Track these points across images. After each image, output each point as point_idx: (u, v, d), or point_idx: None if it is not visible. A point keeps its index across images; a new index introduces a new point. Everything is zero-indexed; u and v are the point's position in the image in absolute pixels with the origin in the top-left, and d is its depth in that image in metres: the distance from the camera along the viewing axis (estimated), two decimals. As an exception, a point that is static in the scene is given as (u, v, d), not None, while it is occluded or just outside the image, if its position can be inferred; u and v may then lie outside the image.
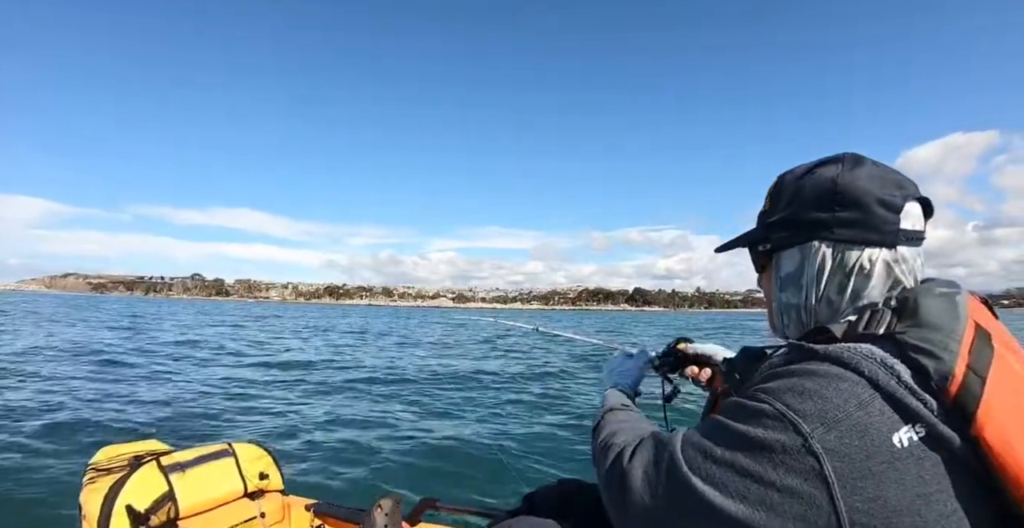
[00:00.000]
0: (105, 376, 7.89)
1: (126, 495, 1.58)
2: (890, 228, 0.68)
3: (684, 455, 0.63)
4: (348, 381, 7.97)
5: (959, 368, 0.56)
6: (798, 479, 0.54)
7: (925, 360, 0.57)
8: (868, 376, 0.57)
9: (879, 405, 0.55)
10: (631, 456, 0.70)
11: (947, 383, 0.55)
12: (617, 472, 0.70)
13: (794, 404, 0.57)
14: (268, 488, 1.93)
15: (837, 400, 0.56)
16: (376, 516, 1.58)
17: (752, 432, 0.58)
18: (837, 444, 0.54)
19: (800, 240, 0.73)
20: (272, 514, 1.83)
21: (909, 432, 0.54)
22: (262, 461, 1.95)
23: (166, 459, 1.75)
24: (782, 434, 0.56)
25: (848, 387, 0.57)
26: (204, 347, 12.89)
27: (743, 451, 0.58)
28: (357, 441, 4.64)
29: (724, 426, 0.62)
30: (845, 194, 0.69)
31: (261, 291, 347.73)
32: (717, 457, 0.60)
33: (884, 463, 0.53)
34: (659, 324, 41.02)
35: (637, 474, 0.67)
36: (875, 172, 0.70)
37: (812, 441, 0.54)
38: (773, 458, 0.56)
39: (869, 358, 0.58)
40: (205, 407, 6.23)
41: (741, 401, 0.63)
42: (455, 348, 11.59)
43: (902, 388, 0.56)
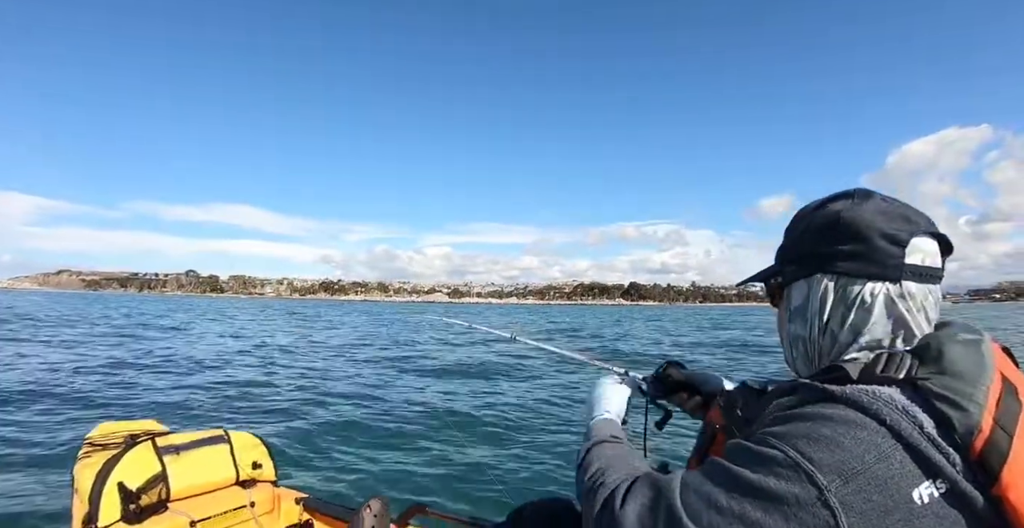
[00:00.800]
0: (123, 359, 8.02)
1: (119, 472, 1.58)
2: (893, 262, 0.65)
3: (684, 502, 0.57)
4: (348, 382, 7.99)
5: (986, 422, 0.52)
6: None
7: (950, 411, 0.53)
8: (889, 425, 0.53)
9: (900, 457, 0.52)
10: (623, 500, 0.63)
11: (972, 437, 0.52)
12: (607, 517, 0.63)
13: (809, 453, 0.53)
14: (260, 478, 1.92)
15: (856, 450, 0.52)
16: (365, 516, 1.57)
17: (763, 482, 0.54)
18: (855, 499, 0.50)
19: (806, 273, 0.72)
20: (262, 504, 1.83)
21: (930, 488, 0.51)
22: (256, 450, 1.95)
23: (162, 440, 1.76)
24: (796, 486, 0.52)
25: (868, 436, 0.53)
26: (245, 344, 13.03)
27: (752, 502, 0.53)
28: (352, 441, 4.64)
29: (730, 472, 0.57)
30: (848, 227, 0.68)
31: (256, 287, 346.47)
32: (723, 507, 0.54)
33: (902, 521, 0.50)
34: (657, 319, 40.29)
35: (630, 521, 0.60)
36: (882, 206, 0.69)
37: (828, 494, 0.51)
38: (786, 511, 0.51)
39: (890, 405, 0.54)
40: (208, 395, 6.29)
41: (749, 446, 0.59)
42: (448, 352, 11.58)
43: (925, 440, 0.52)
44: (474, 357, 10.66)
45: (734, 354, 13.05)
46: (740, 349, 14.26)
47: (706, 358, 12.26)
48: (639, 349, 14.29)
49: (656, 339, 18.17)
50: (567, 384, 7.11)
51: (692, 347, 15.10)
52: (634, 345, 15.49)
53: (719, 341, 16.93)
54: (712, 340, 17.41)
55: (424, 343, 14.79)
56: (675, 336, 19.73)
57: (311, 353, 11.87)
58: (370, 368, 9.38)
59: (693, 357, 12.41)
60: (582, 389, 6.50)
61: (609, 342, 16.69)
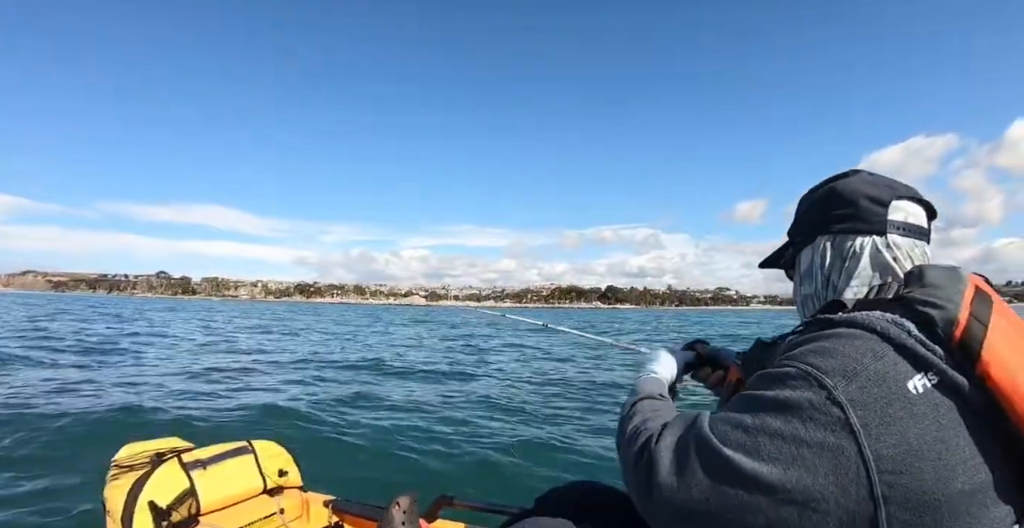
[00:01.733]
0: (134, 373, 8.06)
1: (148, 491, 1.61)
2: (877, 218, 0.79)
3: (714, 431, 0.64)
4: (362, 379, 8.04)
5: (963, 315, 0.61)
6: (826, 431, 0.57)
7: (931, 310, 0.62)
8: (880, 331, 0.62)
9: (892, 356, 0.60)
10: (658, 439, 0.69)
11: (952, 328, 0.60)
12: (645, 457, 0.69)
13: (816, 362, 0.61)
14: (287, 485, 1.95)
15: (855, 355, 0.60)
16: (394, 513, 1.59)
17: (781, 394, 0.61)
18: (859, 394, 0.58)
19: (810, 240, 0.87)
20: (291, 510, 1.85)
21: (923, 379, 0.58)
22: (281, 458, 1.97)
23: (187, 456, 1.78)
24: (808, 391, 0.59)
25: (863, 343, 0.61)
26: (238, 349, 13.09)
27: (773, 413, 0.61)
28: (374, 439, 4.68)
29: (751, 396, 0.65)
30: (839, 195, 0.83)
31: (229, 289, 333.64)
32: (748, 425, 0.62)
33: (903, 409, 0.57)
34: (636, 321, 40.64)
35: (665, 455, 0.66)
36: (867, 178, 0.83)
37: (836, 393, 0.58)
38: (802, 414, 0.59)
39: (881, 318, 0.63)
40: (229, 405, 6.33)
41: (766, 371, 0.67)
42: (462, 346, 11.62)
43: (912, 340, 0.60)
44: (488, 350, 10.70)
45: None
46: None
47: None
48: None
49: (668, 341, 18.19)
50: (590, 368, 7.14)
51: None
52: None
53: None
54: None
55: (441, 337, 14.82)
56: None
57: (333, 353, 11.92)
58: (389, 364, 9.44)
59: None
60: (603, 372, 6.54)
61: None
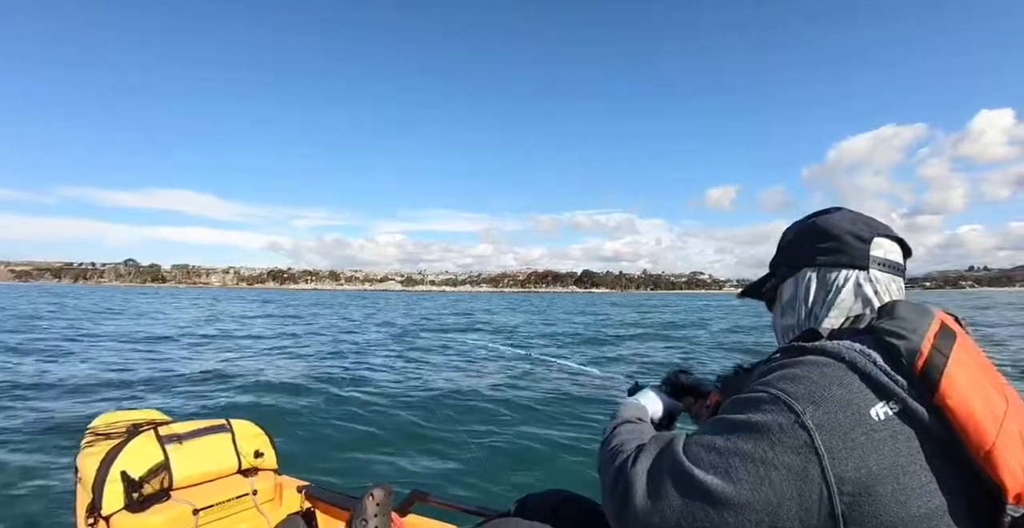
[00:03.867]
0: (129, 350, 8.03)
1: (122, 461, 1.59)
2: (860, 253, 0.82)
3: (687, 453, 0.68)
4: (348, 370, 8.02)
5: (925, 346, 0.65)
6: (794, 454, 0.61)
7: (896, 341, 0.66)
8: (847, 360, 0.66)
9: (857, 384, 0.64)
10: (633, 462, 0.73)
11: (915, 358, 0.64)
12: (621, 480, 0.72)
13: (787, 388, 0.65)
14: (262, 466, 1.93)
15: (823, 381, 0.64)
16: (367, 504, 1.57)
17: (752, 418, 0.65)
18: (824, 419, 0.61)
19: (792, 272, 0.89)
20: (264, 492, 1.84)
21: (884, 407, 0.62)
22: (258, 439, 1.95)
23: (164, 429, 1.76)
24: (778, 415, 0.63)
25: (831, 370, 0.65)
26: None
27: (744, 436, 0.64)
28: (354, 428, 4.67)
29: (724, 420, 0.69)
30: (824, 230, 0.86)
31: (200, 277, 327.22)
32: (720, 447, 0.65)
33: (864, 435, 0.60)
34: (620, 304, 40.74)
35: (640, 479, 0.69)
36: (849, 215, 0.87)
37: (804, 417, 0.62)
38: (771, 438, 0.62)
39: (850, 348, 0.67)
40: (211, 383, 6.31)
41: (739, 396, 0.70)
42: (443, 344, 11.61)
43: (876, 369, 0.64)
44: (474, 345, 10.68)
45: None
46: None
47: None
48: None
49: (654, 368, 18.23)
50: (571, 380, 7.14)
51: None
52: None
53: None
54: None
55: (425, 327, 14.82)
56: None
57: (319, 342, 11.90)
58: (371, 355, 9.41)
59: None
60: (592, 396, 6.54)
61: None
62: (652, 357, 10.05)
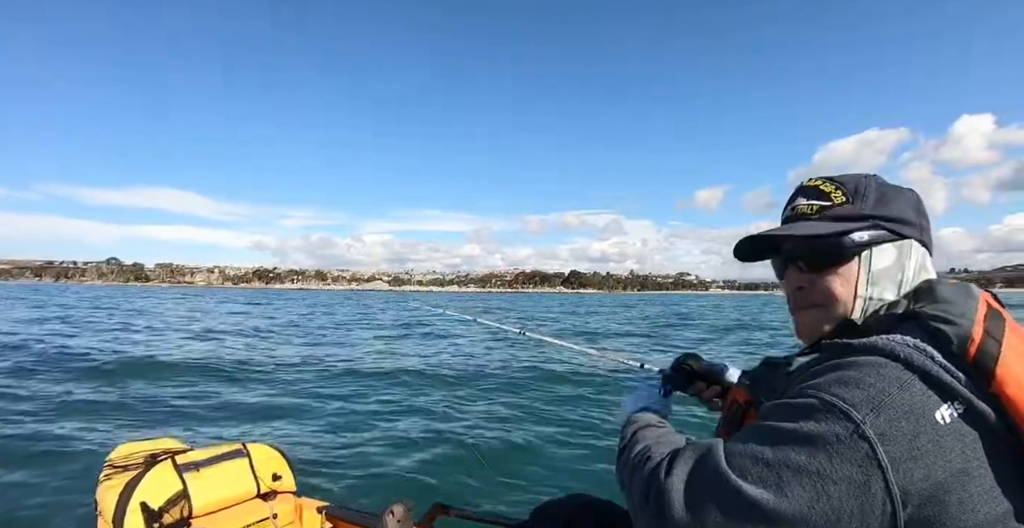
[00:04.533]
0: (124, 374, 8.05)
1: (141, 492, 1.59)
2: (929, 239, 0.78)
3: (731, 462, 0.61)
4: (361, 383, 8.01)
5: (977, 332, 0.60)
6: (854, 467, 0.55)
7: (945, 327, 0.61)
8: (904, 359, 0.59)
9: (919, 386, 0.57)
10: (667, 470, 0.66)
11: (967, 345, 0.59)
12: (655, 490, 0.65)
13: (842, 394, 0.58)
14: (281, 489, 1.93)
15: (881, 385, 0.57)
16: (388, 521, 1.57)
17: (805, 428, 0.58)
18: (887, 427, 0.55)
19: (897, 237, 0.75)
20: (284, 516, 1.83)
21: (950, 409, 0.56)
22: (275, 462, 1.95)
23: (181, 458, 1.76)
24: (835, 425, 0.57)
25: (888, 372, 0.59)
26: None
27: (795, 447, 0.58)
28: (370, 445, 4.65)
29: (770, 427, 0.62)
30: (920, 204, 0.78)
31: (185, 276, 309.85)
32: (769, 459, 0.59)
33: (930, 442, 0.55)
34: (606, 304, 40.44)
35: (678, 488, 0.63)
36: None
37: (864, 427, 0.55)
38: (828, 450, 0.56)
39: (901, 343, 0.61)
40: (223, 406, 6.31)
41: (786, 401, 0.63)
42: (459, 346, 11.57)
43: (937, 367, 0.58)
44: (479, 355, 10.66)
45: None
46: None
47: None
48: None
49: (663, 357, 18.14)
50: (582, 385, 7.11)
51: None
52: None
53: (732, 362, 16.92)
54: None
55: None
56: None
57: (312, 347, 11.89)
58: (373, 363, 9.40)
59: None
60: (601, 389, 6.51)
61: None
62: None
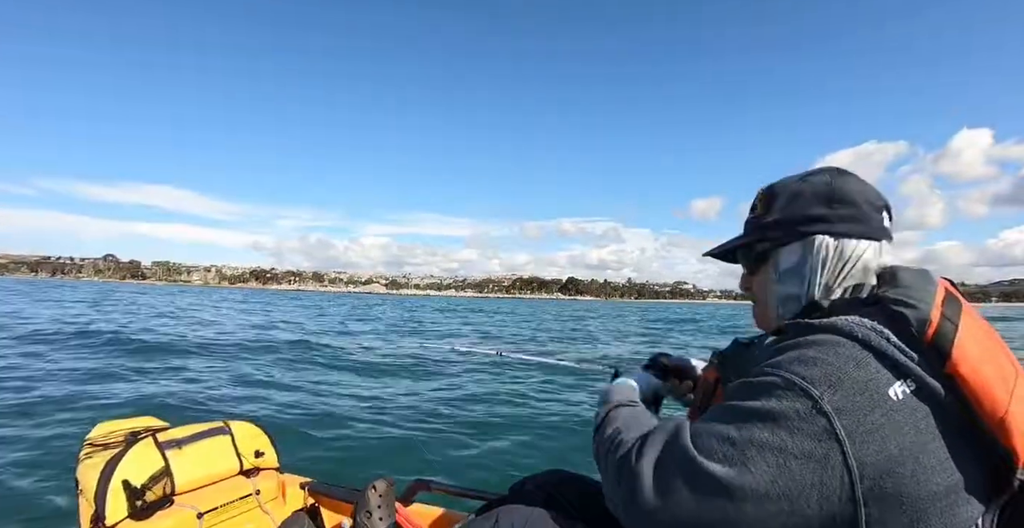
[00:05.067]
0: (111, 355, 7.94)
1: (122, 470, 1.59)
2: (878, 224, 0.79)
3: (696, 444, 0.64)
4: (346, 364, 8.03)
5: (935, 315, 0.64)
6: (813, 441, 0.59)
7: (904, 310, 0.65)
8: (861, 338, 0.63)
9: (873, 363, 0.61)
10: (638, 454, 0.68)
11: (925, 327, 0.63)
12: (626, 474, 0.68)
13: (801, 371, 0.62)
14: (263, 466, 1.94)
15: (838, 363, 0.62)
16: (370, 496, 1.60)
17: (767, 405, 0.62)
18: (843, 402, 0.59)
19: (801, 235, 0.81)
20: (267, 492, 1.85)
21: (902, 386, 0.61)
22: (258, 439, 1.96)
23: (162, 435, 1.76)
24: (795, 401, 0.60)
25: (845, 350, 0.63)
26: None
27: (759, 424, 0.61)
28: (353, 423, 4.69)
29: (734, 407, 0.65)
30: (842, 194, 0.79)
31: (182, 274, 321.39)
32: (734, 438, 0.62)
33: (883, 416, 0.59)
34: (601, 313, 40.92)
35: (647, 473, 0.65)
36: (859, 181, 0.82)
37: (822, 403, 0.59)
38: (790, 425, 0.60)
39: (860, 324, 0.65)
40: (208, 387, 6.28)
41: (748, 380, 0.67)
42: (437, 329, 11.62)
43: (891, 347, 0.62)
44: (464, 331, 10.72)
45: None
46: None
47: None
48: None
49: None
50: (551, 373, 7.20)
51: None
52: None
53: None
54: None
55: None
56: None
57: (303, 336, 11.85)
58: (358, 349, 9.41)
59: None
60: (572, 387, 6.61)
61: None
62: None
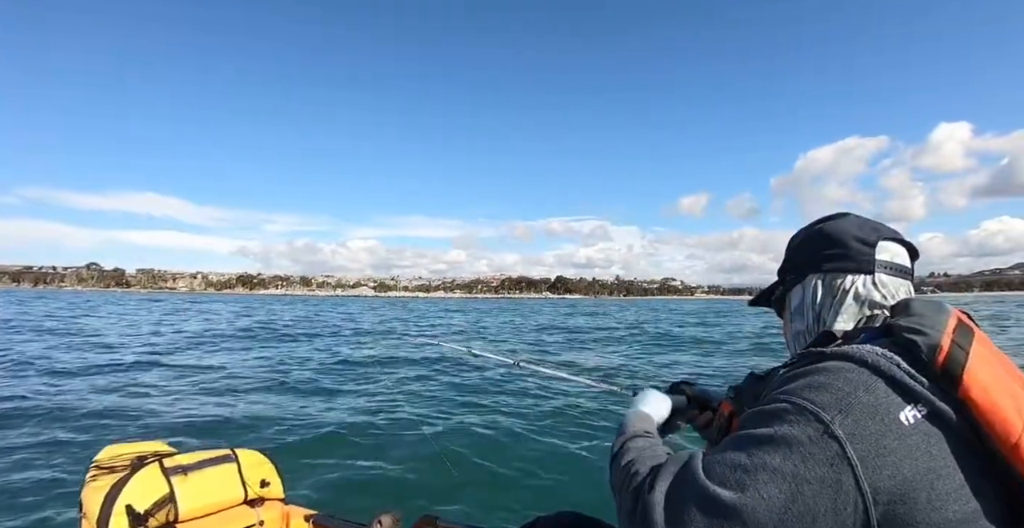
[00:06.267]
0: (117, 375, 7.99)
1: (127, 495, 1.57)
2: (866, 258, 0.82)
3: (707, 472, 0.64)
4: (351, 390, 7.97)
5: (945, 341, 0.64)
6: (826, 467, 0.58)
7: (915, 337, 0.66)
8: (871, 364, 0.64)
9: (883, 388, 0.62)
10: (651, 487, 0.68)
11: (935, 353, 0.64)
12: (640, 506, 0.67)
13: (812, 397, 0.63)
14: (268, 496, 1.91)
15: (848, 388, 0.62)
16: (375, 531, 1.56)
17: (779, 431, 0.62)
18: (854, 427, 0.59)
19: (800, 279, 0.90)
20: (271, 523, 1.82)
21: (913, 410, 0.61)
22: (264, 468, 1.94)
23: (169, 461, 1.75)
24: (806, 426, 0.61)
25: (855, 376, 0.63)
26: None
27: (770, 450, 0.61)
28: (361, 454, 4.61)
29: (747, 434, 0.65)
30: (829, 236, 0.87)
31: (167, 281, 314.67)
32: (746, 465, 0.61)
33: (896, 441, 0.59)
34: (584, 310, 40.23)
35: (659, 502, 0.65)
36: (855, 220, 0.88)
37: (834, 427, 0.59)
38: (802, 451, 0.60)
39: (871, 351, 0.66)
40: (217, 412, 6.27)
41: (760, 408, 0.67)
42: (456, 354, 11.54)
43: (901, 372, 0.63)
44: (469, 365, 10.63)
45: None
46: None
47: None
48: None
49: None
50: (581, 399, 7.09)
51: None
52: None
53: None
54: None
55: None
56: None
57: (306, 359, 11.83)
58: (362, 371, 9.35)
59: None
60: (589, 413, 6.50)
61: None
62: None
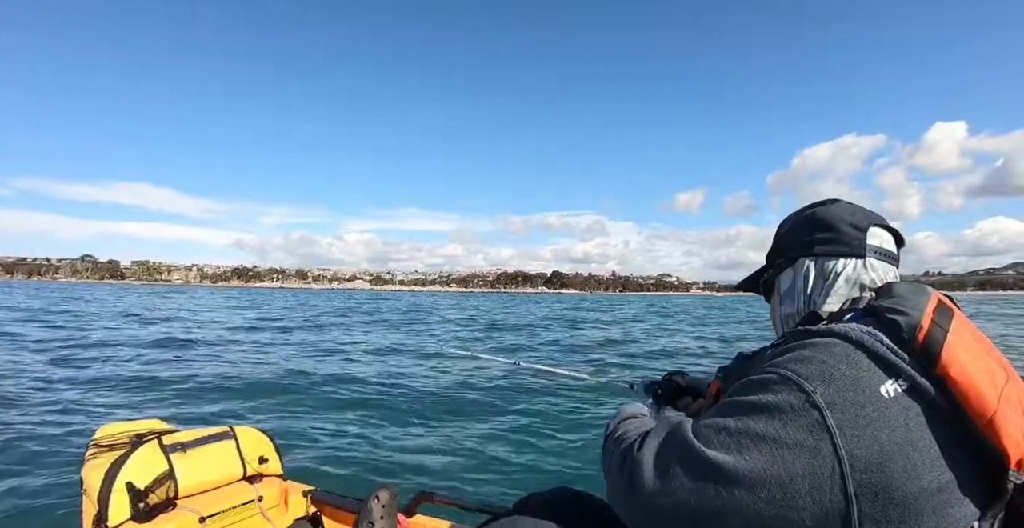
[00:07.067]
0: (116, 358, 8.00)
1: (127, 472, 1.59)
2: (857, 243, 0.86)
3: (697, 434, 0.69)
4: (350, 372, 8.03)
5: (926, 320, 0.68)
6: (805, 433, 0.62)
7: (897, 316, 0.69)
8: (855, 340, 0.68)
9: (866, 362, 0.66)
10: (640, 445, 0.73)
11: (916, 332, 0.67)
12: (628, 463, 0.72)
13: (796, 368, 0.67)
14: (267, 472, 1.93)
15: (832, 361, 0.66)
16: (373, 506, 1.58)
17: (763, 398, 0.66)
18: (835, 397, 0.63)
19: (790, 262, 0.92)
20: (270, 498, 1.84)
21: (894, 385, 0.64)
22: (262, 445, 1.96)
23: (167, 438, 1.76)
24: (789, 395, 0.65)
25: (839, 350, 0.67)
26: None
27: (755, 416, 0.65)
28: (358, 431, 4.67)
29: (734, 401, 0.70)
30: (821, 221, 0.89)
31: (162, 273, 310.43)
32: (731, 428, 0.66)
33: (875, 412, 0.62)
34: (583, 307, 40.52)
35: (648, 459, 0.70)
36: (846, 206, 0.90)
37: (815, 396, 0.63)
38: (783, 417, 0.64)
39: (855, 329, 0.69)
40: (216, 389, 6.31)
41: (748, 378, 0.71)
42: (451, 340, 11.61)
43: (884, 348, 0.66)
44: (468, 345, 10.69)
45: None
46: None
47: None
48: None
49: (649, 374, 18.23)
50: (577, 393, 7.16)
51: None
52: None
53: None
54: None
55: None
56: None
57: (304, 338, 11.88)
58: (363, 354, 9.41)
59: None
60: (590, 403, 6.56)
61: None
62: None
